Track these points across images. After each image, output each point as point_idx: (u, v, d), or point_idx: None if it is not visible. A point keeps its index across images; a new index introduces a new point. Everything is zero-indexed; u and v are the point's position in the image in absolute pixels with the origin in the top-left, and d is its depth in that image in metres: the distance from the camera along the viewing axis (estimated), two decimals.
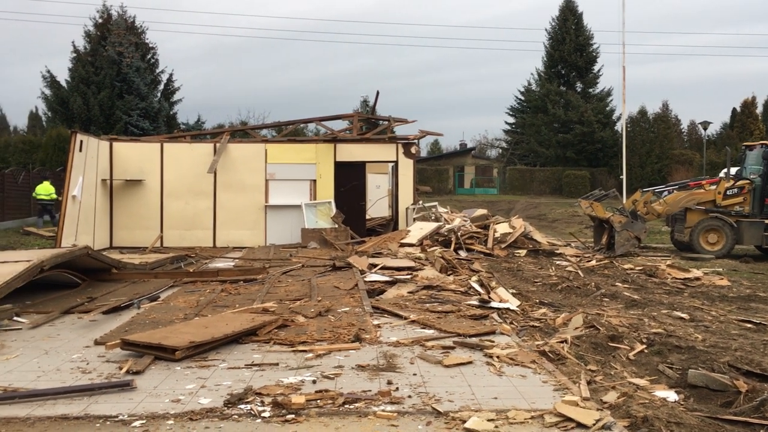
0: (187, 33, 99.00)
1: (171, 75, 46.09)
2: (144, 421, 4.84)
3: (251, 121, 53.38)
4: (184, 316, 8.59)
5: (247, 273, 12.17)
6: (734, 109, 54.88)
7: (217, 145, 19.15)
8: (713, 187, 18.04)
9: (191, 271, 12.96)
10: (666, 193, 19.21)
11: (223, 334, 7.02)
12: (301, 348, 6.88)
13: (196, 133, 26.65)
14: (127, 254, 15.89)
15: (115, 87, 41.51)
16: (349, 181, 19.62)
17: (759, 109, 55.75)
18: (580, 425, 4.69)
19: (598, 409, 5.00)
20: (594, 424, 4.66)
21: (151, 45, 45.54)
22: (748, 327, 8.58)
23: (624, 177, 32.21)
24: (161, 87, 45.44)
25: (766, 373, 6.24)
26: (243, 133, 25.67)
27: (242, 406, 5.11)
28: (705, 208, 17.69)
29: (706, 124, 41.10)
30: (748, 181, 17.85)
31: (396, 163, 19.88)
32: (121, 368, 6.18)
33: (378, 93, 23.50)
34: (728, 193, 17.72)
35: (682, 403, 5.64)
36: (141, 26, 45.14)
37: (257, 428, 4.72)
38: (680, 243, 18.38)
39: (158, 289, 10.73)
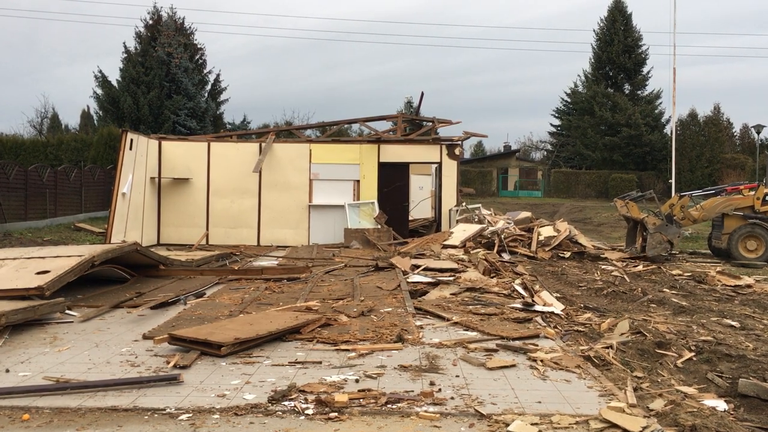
0: (232, 34, 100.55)
1: (218, 75, 46.93)
2: (190, 415, 4.93)
3: (296, 122, 53.94)
4: (229, 312, 8.72)
5: (291, 272, 12.29)
6: None
7: (263, 144, 19.39)
8: (752, 192, 17.56)
9: (236, 268, 13.14)
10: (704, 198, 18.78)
11: (267, 331, 7.10)
12: (343, 347, 6.92)
13: (241, 132, 27.02)
14: (174, 251, 16.20)
15: (164, 87, 42.39)
16: (393, 181, 19.64)
17: None
18: None
19: (644, 416, 4.90)
20: (640, 431, 4.57)
21: (199, 46, 46.43)
22: None
23: (673, 181, 31.56)
24: (208, 87, 46.26)
25: None
26: (288, 133, 25.95)
27: (286, 403, 5.16)
28: (743, 214, 17.22)
29: (759, 128, 39.91)
30: None
31: (439, 164, 19.84)
32: (168, 362, 6.30)
33: (422, 94, 23.45)
34: (767, 198, 17.23)
35: (732, 412, 5.50)
36: (190, 27, 46.08)
37: (300, 425, 4.76)
38: (717, 249, 17.93)
39: (204, 285, 10.91)
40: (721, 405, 5.61)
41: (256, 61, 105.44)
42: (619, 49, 52.14)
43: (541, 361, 6.49)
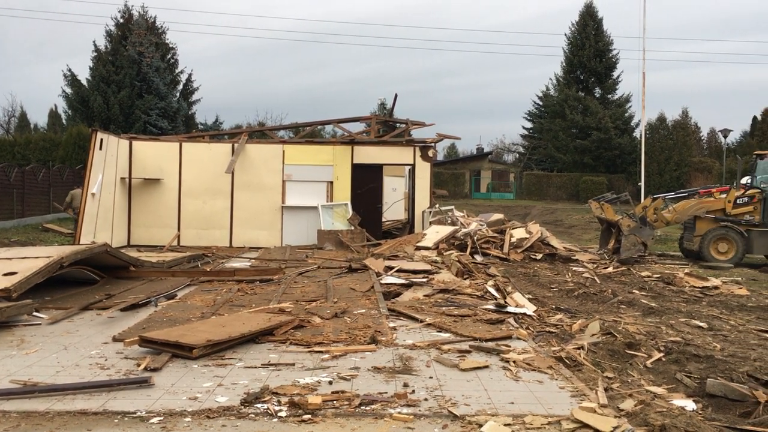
0: (204, 34, 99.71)
1: (190, 75, 46.56)
2: (162, 418, 4.87)
3: (269, 123, 53.67)
4: (201, 314, 8.64)
5: (264, 273, 12.22)
6: (755, 117, 54.38)
7: (235, 145, 19.26)
8: (723, 195, 17.88)
9: (208, 270, 13.03)
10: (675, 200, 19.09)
11: (240, 333, 7.05)
12: (317, 349, 6.90)
13: (214, 133, 26.81)
14: (145, 252, 16.01)
15: (135, 86, 41.90)
16: (366, 183, 19.63)
17: None
18: None
19: (615, 416, 4.97)
20: (612, 431, 4.62)
21: (171, 45, 45.98)
22: (767, 337, 8.49)
23: (642, 184, 32.01)
24: (180, 87, 45.85)
25: None
26: (261, 133, 25.82)
27: (259, 406, 5.13)
28: (715, 217, 17.52)
29: (726, 132, 40.72)
30: (758, 190, 17.69)
31: (413, 166, 19.88)
32: (138, 365, 6.22)
33: (396, 96, 23.50)
34: (738, 201, 17.57)
35: (700, 412, 5.59)
36: (161, 26, 45.61)
37: (274, 427, 4.73)
38: (689, 251, 18.22)
39: (175, 287, 10.80)
40: (689, 405, 5.70)
41: (228, 61, 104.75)
42: (590, 53, 52.76)
43: (514, 362, 6.54)
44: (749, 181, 18.70)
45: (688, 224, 18.24)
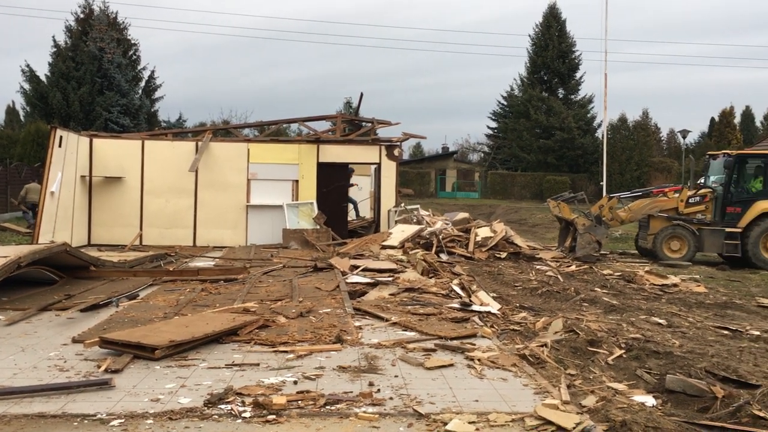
0: (168, 30, 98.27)
1: (153, 72, 45.87)
2: (122, 420, 4.79)
3: (233, 121, 53.17)
4: (163, 315, 8.52)
5: (228, 272, 12.11)
6: (713, 119, 55.69)
7: (199, 143, 19.04)
8: (676, 195, 18.28)
9: (171, 269, 12.85)
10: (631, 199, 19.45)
11: (204, 333, 6.98)
12: (282, 348, 6.86)
13: (177, 131, 26.43)
14: (106, 252, 15.73)
15: (96, 83, 41.13)
16: (332, 182, 19.58)
17: (737, 119, 56.58)
18: (560, 428, 4.72)
19: (577, 413, 5.03)
20: (574, 428, 4.69)
21: (133, 41, 45.25)
22: (724, 334, 8.69)
23: (604, 183, 32.51)
24: (142, 84, 45.15)
25: (742, 379, 6.31)
26: (225, 132, 25.53)
27: (222, 406, 5.08)
28: (667, 216, 17.91)
29: (685, 133, 41.58)
30: (710, 190, 18.12)
31: (379, 165, 19.89)
32: (99, 367, 6.11)
33: (362, 95, 23.50)
34: (690, 201, 17.97)
35: (660, 407, 5.69)
36: (123, 22, 44.86)
37: (237, 428, 4.69)
38: (644, 249, 18.58)
39: (137, 287, 10.64)
40: (649, 401, 5.81)
41: (192, 58, 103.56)
42: (553, 54, 53.43)
43: (479, 360, 6.59)
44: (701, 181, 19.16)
45: (642, 223, 18.60)
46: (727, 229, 17.43)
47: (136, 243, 18.21)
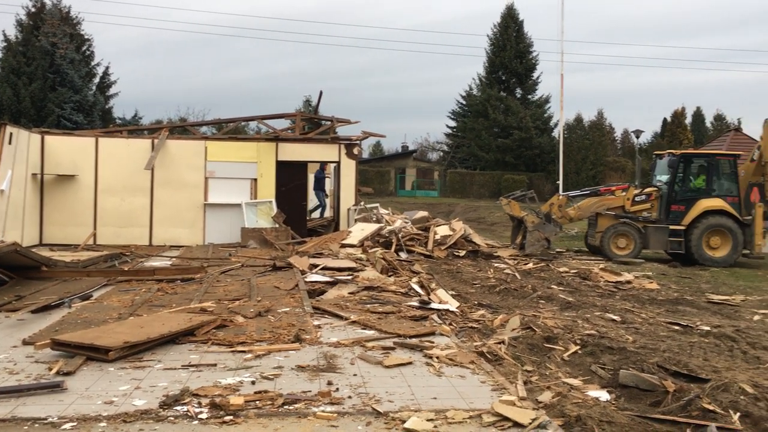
0: (123, 26, 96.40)
1: (107, 68, 45.05)
2: (75, 424, 4.69)
3: (191, 118, 52.38)
4: (118, 315, 8.36)
5: (185, 272, 11.94)
6: (665, 119, 56.97)
7: (155, 141, 18.73)
8: (623, 193, 18.71)
9: (126, 269, 12.63)
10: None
11: (159, 334, 6.87)
12: (239, 348, 6.79)
13: (133, 128, 25.98)
14: (58, 251, 15.38)
15: (48, 79, 40.16)
16: (291, 180, 19.48)
17: (688, 120, 58.02)
18: (516, 424, 4.78)
19: (534, 409, 5.10)
20: (530, 423, 4.75)
21: (86, 36, 44.33)
22: (675, 329, 8.91)
23: (560, 182, 33.01)
24: (96, 80, 44.28)
25: (692, 373, 6.49)
26: (182, 129, 25.22)
27: (178, 408, 5.01)
28: (615, 214, 18.30)
29: (638, 133, 42.37)
30: (655, 189, 18.58)
31: (338, 163, 19.86)
32: (50, 369, 5.97)
33: (321, 93, 23.47)
34: (636, 199, 18.41)
35: (614, 402, 5.81)
36: (76, 17, 43.88)
37: (194, 430, 4.63)
38: (593, 247, 18.95)
39: (91, 287, 10.41)
40: (603, 395, 5.92)
41: (148, 54, 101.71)
42: (511, 54, 53.96)
43: (437, 357, 6.62)
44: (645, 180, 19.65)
45: (591, 221, 18.98)
46: (672, 227, 17.90)
47: (90, 242, 17.85)
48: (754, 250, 17.73)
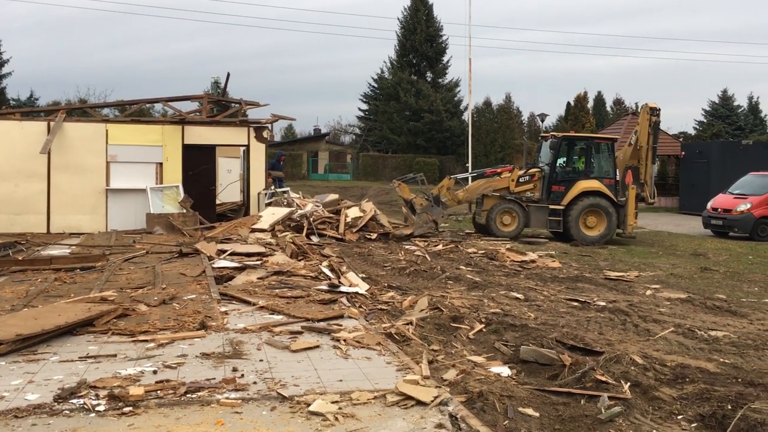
0: (13, 1, 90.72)
1: None
2: None
3: (91, 99, 50.10)
4: (11, 307, 7.95)
5: (85, 260, 11.48)
6: (568, 103, 58.89)
7: (52, 123, 17.83)
8: (508, 174, 19.38)
9: (20, 258, 12.01)
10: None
11: (55, 325, 6.58)
12: (142, 338, 6.60)
13: (27, 110, 24.61)
14: None
15: None
16: (199, 164, 19.00)
17: (590, 104, 60.29)
18: (419, 403, 4.87)
19: (437, 387, 5.22)
20: (432, 401, 4.86)
21: None
22: (574, 305, 9.31)
23: (470, 165, 33.68)
24: None
25: (588, 347, 6.81)
26: (82, 111, 24.12)
27: (74, 401, 4.82)
28: (500, 195, 18.94)
29: (543, 116, 43.75)
30: (538, 170, 19.34)
31: (247, 147, 19.51)
32: None
33: (229, 74, 22.91)
34: (521, 180, 19.11)
35: (515, 377, 6.03)
36: None
37: (90, 423, 4.48)
38: (480, 225, 19.52)
39: None
40: (505, 371, 6.13)
41: (44, 32, 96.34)
42: (421, 37, 54.46)
43: (344, 340, 6.66)
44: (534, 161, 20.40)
45: (478, 201, 19.52)
46: (551, 206, 18.67)
47: None
48: (627, 229, 18.79)
